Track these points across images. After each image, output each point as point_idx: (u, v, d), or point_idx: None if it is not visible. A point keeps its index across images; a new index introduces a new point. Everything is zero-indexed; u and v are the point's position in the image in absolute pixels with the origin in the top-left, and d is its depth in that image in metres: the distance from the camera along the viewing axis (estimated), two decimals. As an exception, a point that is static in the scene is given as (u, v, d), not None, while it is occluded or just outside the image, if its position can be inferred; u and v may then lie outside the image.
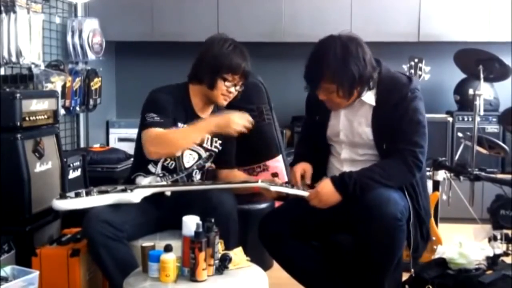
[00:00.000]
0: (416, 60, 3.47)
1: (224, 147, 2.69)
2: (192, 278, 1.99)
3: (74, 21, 4.13)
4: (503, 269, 2.43)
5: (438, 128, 4.38)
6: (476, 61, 3.68)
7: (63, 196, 2.34)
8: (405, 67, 3.48)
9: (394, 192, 2.25)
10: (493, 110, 4.44)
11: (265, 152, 3.27)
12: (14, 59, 3.26)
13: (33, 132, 2.82)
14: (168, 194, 2.50)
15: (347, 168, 2.38)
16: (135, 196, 2.37)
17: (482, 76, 3.63)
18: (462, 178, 3.27)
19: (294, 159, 2.62)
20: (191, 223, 2.02)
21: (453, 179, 3.42)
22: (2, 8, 3.16)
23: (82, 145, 4.37)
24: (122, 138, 4.75)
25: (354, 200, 2.24)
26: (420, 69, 3.45)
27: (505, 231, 2.84)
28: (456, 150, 4.06)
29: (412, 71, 3.45)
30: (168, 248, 2.01)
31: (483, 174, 3.15)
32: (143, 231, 2.48)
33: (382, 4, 4.48)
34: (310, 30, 4.47)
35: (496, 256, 2.52)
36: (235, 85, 2.56)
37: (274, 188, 2.37)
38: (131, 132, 4.33)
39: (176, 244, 2.10)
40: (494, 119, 4.41)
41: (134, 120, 3.10)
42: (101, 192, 2.37)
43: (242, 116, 2.48)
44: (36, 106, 2.86)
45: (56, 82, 3.50)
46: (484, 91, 3.74)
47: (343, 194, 2.27)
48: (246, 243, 2.42)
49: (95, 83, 4.25)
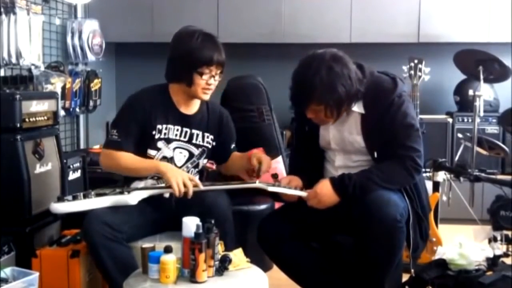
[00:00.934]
0: (416, 61, 3.46)
1: (218, 142, 2.65)
2: (192, 279, 1.99)
3: (74, 22, 4.14)
4: (503, 270, 2.43)
5: (438, 129, 4.39)
6: (476, 62, 3.67)
7: (61, 199, 2.35)
8: (405, 68, 3.48)
9: (393, 194, 2.25)
10: (493, 111, 4.43)
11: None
12: (14, 60, 3.26)
13: (33, 133, 2.82)
14: (166, 196, 2.50)
15: None
16: (132, 198, 2.37)
17: (482, 77, 3.62)
18: (462, 179, 3.26)
19: (288, 173, 2.61)
20: (191, 224, 2.02)
21: (453, 180, 3.42)
22: (2, 10, 3.16)
23: (82, 146, 4.37)
24: (122, 139, 4.74)
25: (354, 202, 2.24)
26: (420, 70, 3.45)
27: (505, 232, 2.84)
28: (456, 151, 4.06)
29: (412, 72, 3.44)
30: (168, 249, 2.01)
31: (483, 175, 3.15)
32: (143, 233, 2.48)
33: (382, 5, 4.48)
34: (310, 31, 4.48)
35: (496, 257, 2.52)
36: (213, 76, 2.48)
37: (271, 188, 2.36)
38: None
39: (176, 245, 2.10)
40: (494, 120, 4.41)
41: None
42: (98, 195, 2.37)
43: (187, 178, 2.36)
44: (36, 107, 2.86)
45: (56, 83, 3.51)
46: (484, 92, 3.74)
47: (341, 195, 2.27)
48: (246, 244, 2.41)
49: (95, 84, 4.26)
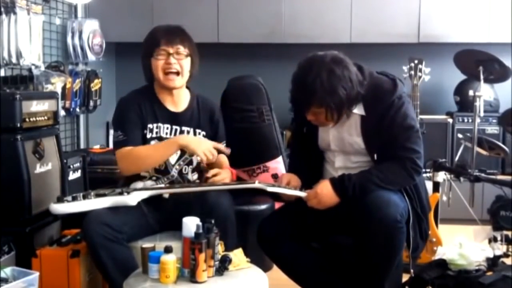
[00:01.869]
0: (416, 61, 3.46)
1: (211, 139, 2.63)
2: (192, 279, 1.99)
3: (74, 22, 4.13)
4: (503, 270, 2.43)
5: (438, 129, 4.39)
6: (476, 62, 3.67)
7: (60, 200, 2.35)
8: (405, 68, 3.48)
9: (393, 194, 2.25)
10: (493, 111, 4.44)
11: (265, 153, 3.28)
12: (14, 60, 3.26)
13: (33, 133, 2.81)
14: (166, 196, 2.50)
15: None
16: (132, 199, 2.37)
17: (482, 77, 3.62)
18: (462, 179, 3.27)
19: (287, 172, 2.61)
20: (191, 224, 2.02)
21: (453, 180, 3.42)
22: (2, 10, 3.16)
23: (82, 146, 4.37)
24: (122, 139, 4.74)
25: (354, 202, 2.24)
26: (420, 70, 3.44)
27: (505, 232, 2.84)
28: (456, 151, 4.06)
29: (412, 72, 3.44)
30: (168, 249, 2.01)
31: (483, 175, 3.15)
32: (143, 233, 2.48)
33: (382, 5, 4.48)
34: (310, 31, 4.48)
35: (496, 257, 2.52)
36: (170, 54, 2.49)
37: (271, 189, 2.36)
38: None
39: (176, 245, 2.10)
40: (494, 120, 4.41)
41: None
42: (98, 195, 2.37)
43: (211, 147, 2.43)
44: (36, 107, 2.86)
45: (56, 83, 3.50)
46: (484, 92, 3.73)
47: (341, 196, 2.27)
48: (246, 244, 2.42)
49: (95, 84, 4.26)
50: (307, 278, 2.47)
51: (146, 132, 2.52)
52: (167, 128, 2.56)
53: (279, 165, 3.30)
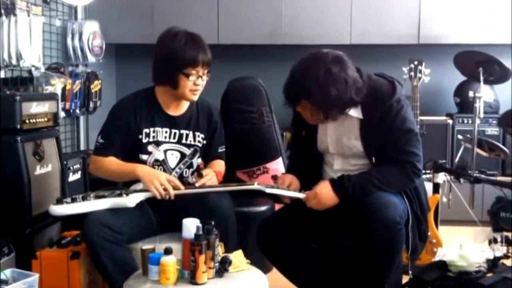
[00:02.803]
0: (416, 62, 3.46)
1: (209, 142, 2.64)
2: (192, 280, 1.99)
3: (74, 23, 4.13)
4: (503, 271, 2.44)
5: (438, 130, 4.38)
6: (476, 63, 3.67)
7: (59, 201, 2.36)
8: (405, 69, 3.48)
9: (393, 196, 2.25)
10: (493, 112, 4.43)
11: (265, 154, 3.27)
12: (14, 61, 3.26)
13: (33, 135, 2.82)
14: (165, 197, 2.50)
15: None
16: (131, 200, 2.38)
17: (482, 78, 3.62)
18: (462, 180, 3.26)
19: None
20: (191, 226, 2.02)
21: (453, 181, 3.42)
22: (2, 11, 3.16)
23: (82, 147, 4.37)
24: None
25: (354, 203, 2.24)
26: (420, 71, 3.44)
27: (505, 234, 2.84)
28: (456, 152, 4.05)
29: (412, 73, 3.44)
30: (168, 251, 2.01)
31: (483, 176, 3.15)
32: (142, 234, 2.48)
33: (382, 6, 4.48)
34: (310, 32, 4.48)
35: (496, 259, 2.53)
36: (200, 76, 2.47)
37: (270, 190, 2.35)
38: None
39: (176, 247, 2.10)
40: (494, 122, 4.41)
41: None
42: (97, 197, 2.38)
43: (165, 180, 2.38)
44: (36, 108, 2.86)
45: (56, 85, 3.51)
46: (484, 93, 3.73)
47: (341, 197, 2.27)
48: (246, 245, 2.42)
49: (95, 86, 4.25)
50: (306, 280, 2.47)
51: (141, 137, 2.51)
52: (166, 132, 2.55)
53: (279, 166, 3.30)
